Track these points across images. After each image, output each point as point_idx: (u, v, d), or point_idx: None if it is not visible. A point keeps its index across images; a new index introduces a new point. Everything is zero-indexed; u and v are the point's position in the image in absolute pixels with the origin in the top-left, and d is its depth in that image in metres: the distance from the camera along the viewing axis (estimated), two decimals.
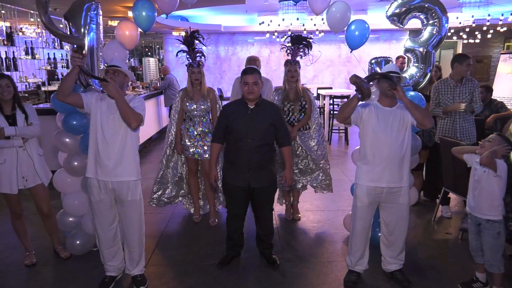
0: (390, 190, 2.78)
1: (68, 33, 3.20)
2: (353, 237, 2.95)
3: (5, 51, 7.30)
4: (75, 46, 3.12)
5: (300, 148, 4.02)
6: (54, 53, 8.87)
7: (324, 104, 8.62)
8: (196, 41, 3.78)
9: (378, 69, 3.43)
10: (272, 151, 3.08)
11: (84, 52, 3.11)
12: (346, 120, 2.82)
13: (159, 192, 4.14)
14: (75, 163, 3.27)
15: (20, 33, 7.84)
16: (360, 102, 2.79)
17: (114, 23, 8.86)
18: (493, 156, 2.59)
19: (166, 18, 3.87)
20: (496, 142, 2.67)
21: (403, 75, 3.34)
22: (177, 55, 3.88)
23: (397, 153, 2.72)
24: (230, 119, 2.99)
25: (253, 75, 2.92)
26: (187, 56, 3.79)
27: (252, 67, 3.05)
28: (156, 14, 3.44)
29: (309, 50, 3.80)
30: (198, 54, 3.78)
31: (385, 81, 2.68)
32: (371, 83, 2.76)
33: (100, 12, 3.28)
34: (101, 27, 3.30)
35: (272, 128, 2.98)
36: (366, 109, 2.79)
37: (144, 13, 3.34)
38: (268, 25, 9.10)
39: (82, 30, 3.15)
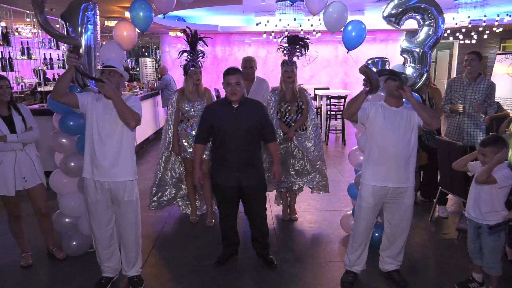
0: (396, 191, 2.77)
1: (65, 33, 3.18)
2: (355, 236, 2.95)
3: (1, 51, 7.25)
4: (71, 46, 3.11)
5: (296, 149, 4.02)
6: (50, 53, 8.81)
7: (321, 105, 8.63)
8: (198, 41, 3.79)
9: (374, 70, 3.43)
10: (259, 148, 3.11)
11: (80, 52, 3.09)
12: (353, 117, 2.79)
13: (159, 195, 4.13)
14: (72, 164, 3.26)
15: (16, 33, 7.79)
16: (366, 102, 2.78)
17: (110, 23, 8.81)
18: (490, 172, 2.57)
19: (164, 18, 3.86)
20: (491, 153, 2.60)
21: None
22: (179, 55, 3.87)
23: (403, 153, 2.71)
24: (215, 119, 2.99)
25: (235, 76, 2.92)
26: (189, 56, 3.78)
27: (234, 67, 3.03)
28: (153, 14, 3.44)
29: (306, 51, 3.81)
30: (200, 54, 3.79)
31: (393, 80, 2.67)
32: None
33: (98, 12, 3.26)
34: (98, 27, 3.29)
35: (258, 125, 3.01)
36: (373, 108, 2.78)
37: (141, 14, 3.34)
38: (265, 25, 9.11)
39: (79, 30, 3.14)
